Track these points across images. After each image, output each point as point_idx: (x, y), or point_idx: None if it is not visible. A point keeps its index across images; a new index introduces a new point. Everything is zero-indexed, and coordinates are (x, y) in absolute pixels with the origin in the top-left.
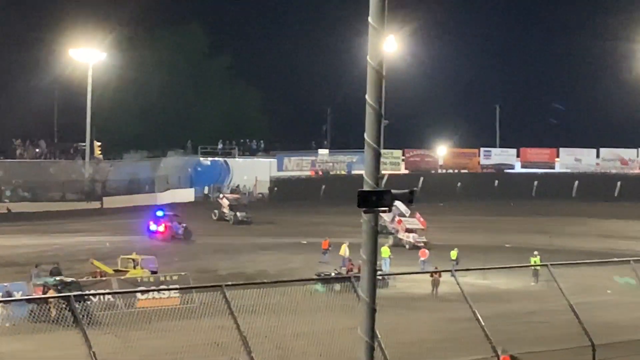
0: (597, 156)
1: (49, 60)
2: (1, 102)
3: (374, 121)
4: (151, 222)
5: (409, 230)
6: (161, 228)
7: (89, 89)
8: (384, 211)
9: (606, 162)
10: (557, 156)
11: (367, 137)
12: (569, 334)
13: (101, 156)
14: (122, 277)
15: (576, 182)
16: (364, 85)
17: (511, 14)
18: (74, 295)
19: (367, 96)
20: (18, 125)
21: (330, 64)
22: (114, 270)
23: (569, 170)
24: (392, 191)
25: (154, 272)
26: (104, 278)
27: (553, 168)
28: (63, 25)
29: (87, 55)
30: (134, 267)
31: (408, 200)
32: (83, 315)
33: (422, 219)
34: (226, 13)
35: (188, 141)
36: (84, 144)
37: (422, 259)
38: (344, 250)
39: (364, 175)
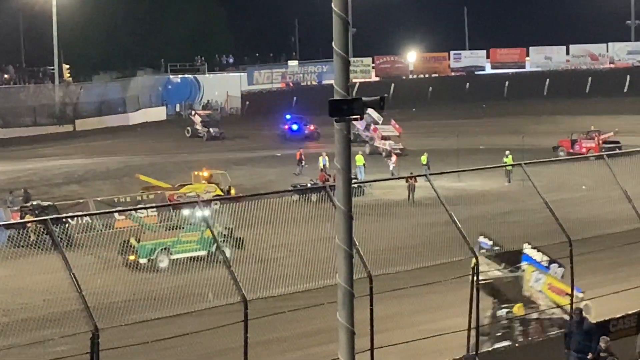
0: (567, 53)
1: None
2: None
3: (341, 30)
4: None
5: (384, 138)
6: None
7: (54, 11)
8: (356, 119)
9: (576, 58)
10: (527, 55)
11: (335, 45)
12: (546, 232)
13: (70, 79)
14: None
15: (547, 81)
16: None
17: None
18: (52, 219)
19: (333, 4)
20: None
21: None
22: (179, 186)
23: (539, 69)
24: (363, 99)
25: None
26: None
27: (524, 67)
28: None
29: None
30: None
31: (379, 107)
32: (61, 239)
33: (397, 126)
34: None
35: (162, 60)
36: (52, 67)
37: (392, 165)
38: (321, 161)
39: (334, 85)
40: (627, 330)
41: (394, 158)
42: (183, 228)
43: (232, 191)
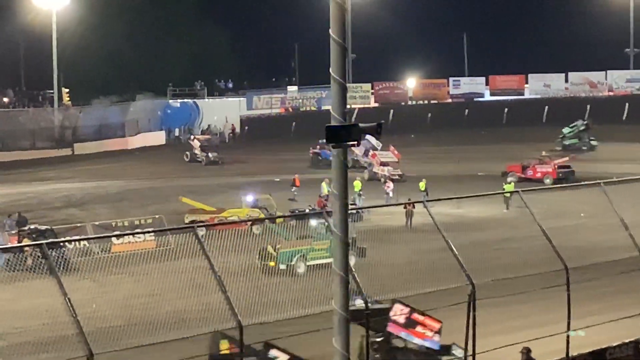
0: (566, 80)
1: (11, 7)
2: None
3: (338, 56)
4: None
5: (383, 164)
6: None
7: (54, 35)
8: (353, 145)
9: (575, 86)
10: (526, 82)
11: (333, 72)
12: (543, 259)
13: (70, 103)
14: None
15: (546, 108)
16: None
17: None
18: (48, 243)
19: (330, 31)
20: None
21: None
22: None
23: (538, 96)
24: (360, 125)
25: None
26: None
27: (522, 94)
28: None
29: (50, 1)
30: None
31: (376, 133)
32: (59, 263)
33: (396, 152)
34: None
35: (161, 84)
36: (51, 91)
37: (387, 191)
38: (325, 188)
39: (331, 111)
40: (624, 358)
41: (390, 184)
42: (313, 237)
43: None
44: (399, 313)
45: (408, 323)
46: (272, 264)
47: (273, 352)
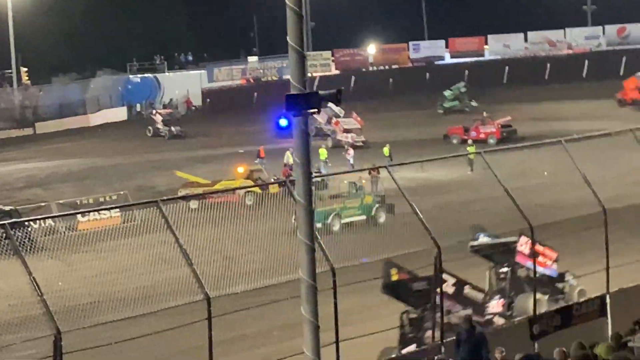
0: (525, 40)
1: None
2: None
3: (295, 23)
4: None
5: (346, 131)
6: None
7: (10, 14)
8: (314, 113)
9: (534, 45)
10: (486, 43)
11: (290, 40)
12: (508, 219)
13: (29, 82)
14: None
15: (506, 68)
16: None
17: None
18: (11, 223)
19: None
20: None
21: None
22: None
23: (498, 57)
24: (319, 92)
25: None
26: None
27: (483, 56)
28: None
29: None
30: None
31: (336, 100)
32: (24, 243)
33: (358, 118)
34: None
35: (121, 59)
36: (10, 71)
37: (348, 158)
38: (288, 157)
39: (290, 79)
40: (590, 314)
41: (351, 151)
42: (346, 196)
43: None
44: (524, 244)
45: (531, 253)
46: None
47: (444, 276)
